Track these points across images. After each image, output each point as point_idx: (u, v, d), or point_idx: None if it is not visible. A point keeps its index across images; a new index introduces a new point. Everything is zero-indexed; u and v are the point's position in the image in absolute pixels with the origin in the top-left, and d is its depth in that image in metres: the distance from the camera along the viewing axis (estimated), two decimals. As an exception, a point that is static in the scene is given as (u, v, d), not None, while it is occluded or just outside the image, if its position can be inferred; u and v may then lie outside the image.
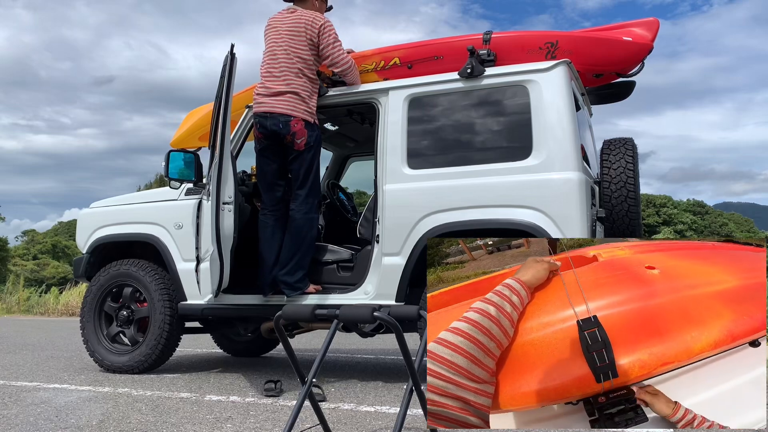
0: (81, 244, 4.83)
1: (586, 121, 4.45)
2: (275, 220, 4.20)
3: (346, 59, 4.14)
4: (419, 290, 3.88)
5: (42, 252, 49.79)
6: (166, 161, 4.18)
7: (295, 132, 4.01)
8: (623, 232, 3.86)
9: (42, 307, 13.98)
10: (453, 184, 3.81)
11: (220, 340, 5.85)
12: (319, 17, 4.16)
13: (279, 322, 2.27)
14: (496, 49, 3.98)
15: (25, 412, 3.20)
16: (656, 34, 4.09)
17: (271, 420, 2.98)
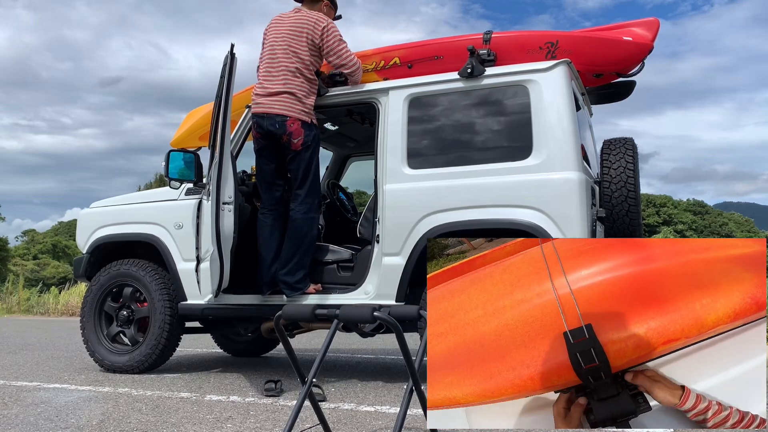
0: (81, 244, 4.83)
1: (587, 121, 4.45)
2: (274, 220, 4.20)
3: (354, 60, 4.14)
4: (419, 290, 3.88)
5: (42, 252, 49.79)
6: (166, 161, 4.18)
7: (291, 132, 4.01)
8: (623, 232, 3.86)
9: (42, 307, 13.98)
10: (453, 184, 3.80)
11: (221, 340, 5.85)
12: (323, 18, 4.15)
13: (279, 322, 2.27)
14: (496, 48, 3.98)
15: (25, 412, 3.20)
16: (656, 34, 4.09)
17: (272, 420, 2.98)
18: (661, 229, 53.82)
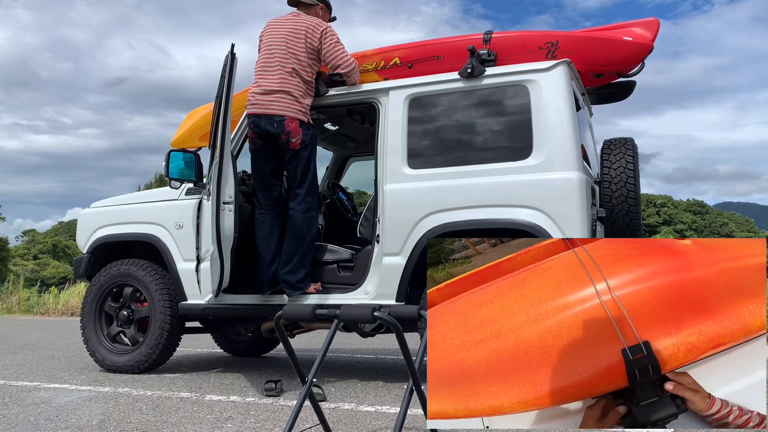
0: (81, 244, 4.83)
1: (587, 121, 4.45)
2: (273, 219, 4.21)
3: (350, 61, 4.15)
4: (419, 290, 3.88)
5: (42, 252, 49.77)
6: (166, 161, 4.18)
7: (289, 131, 4.02)
8: (623, 232, 3.86)
9: (42, 307, 13.98)
10: (453, 184, 3.81)
11: (221, 339, 5.85)
12: (321, 23, 4.19)
13: (279, 321, 2.27)
14: (496, 48, 3.98)
15: (25, 411, 3.20)
16: (657, 33, 4.09)
17: (272, 420, 2.98)
18: (661, 229, 53.83)
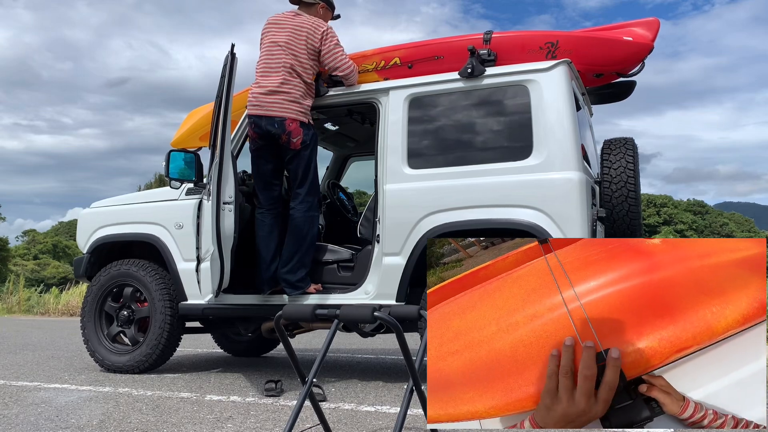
0: (81, 244, 4.83)
1: (587, 121, 4.45)
2: (273, 218, 4.22)
3: (348, 63, 4.16)
4: (420, 290, 3.88)
5: (42, 252, 49.77)
6: (166, 161, 4.18)
7: (290, 131, 4.02)
8: (623, 232, 3.86)
9: (42, 307, 13.98)
10: (453, 184, 3.81)
11: (221, 339, 5.85)
12: (322, 24, 4.19)
13: (279, 321, 2.27)
14: (496, 48, 3.98)
15: (25, 411, 3.20)
16: (657, 33, 4.09)
17: (272, 420, 2.98)
18: (662, 229, 53.83)
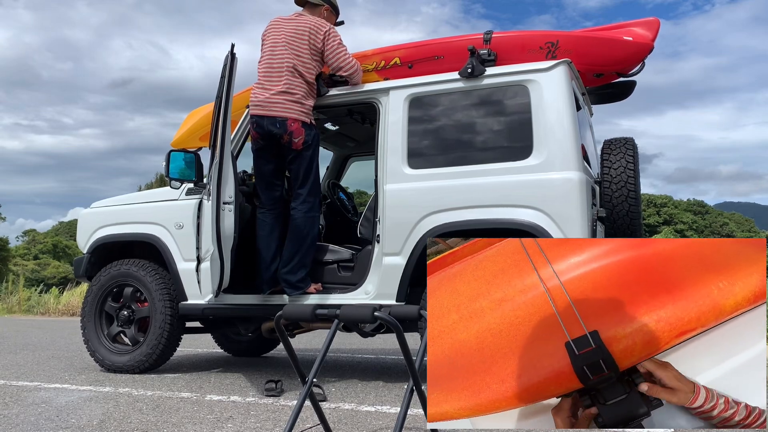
0: (82, 244, 4.83)
1: (587, 121, 4.45)
2: (274, 218, 4.22)
3: (352, 63, 4.16)
4: (420, 290, 3.88)
5: (43, 252, 49.76)
6: (166, 161, 4.18)
7: (292, 131, 4.02)
8: (624, 232, 3.86)
9: (42, 307, 13.97)
10: (454, 184, 3.81)
11: (221, 339, 5.85)
12: (324, 23, 4.19)
13: (280, 321, 2.27)
14: (496, 48, 3.98)
15: (26, 411, 3.20)
16: (657, 33, 4.09)
17: (272, 420, 2.98)
18: (662, 229, 53.82)
